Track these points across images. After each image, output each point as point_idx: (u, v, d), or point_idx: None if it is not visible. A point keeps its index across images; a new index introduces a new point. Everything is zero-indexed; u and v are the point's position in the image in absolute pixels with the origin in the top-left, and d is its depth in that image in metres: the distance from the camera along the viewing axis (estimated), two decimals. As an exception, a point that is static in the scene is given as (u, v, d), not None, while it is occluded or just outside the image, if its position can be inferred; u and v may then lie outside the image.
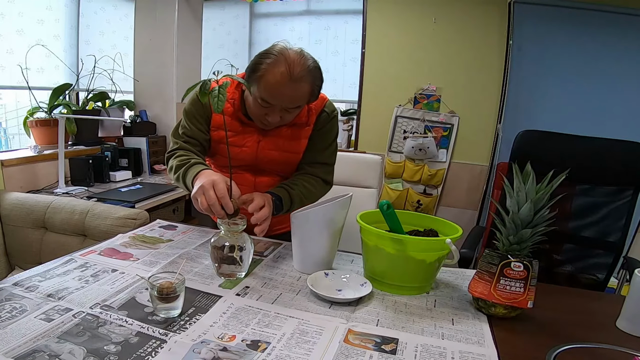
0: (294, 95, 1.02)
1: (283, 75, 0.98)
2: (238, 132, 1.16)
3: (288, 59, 0.99)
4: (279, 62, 0.99)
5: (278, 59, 0.99)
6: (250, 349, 0.67)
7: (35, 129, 2.26)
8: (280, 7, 3.41)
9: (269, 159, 1.18)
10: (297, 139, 1.19)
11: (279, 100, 1.02)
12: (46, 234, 1.72)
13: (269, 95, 1.02)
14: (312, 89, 1.05)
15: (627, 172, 1.43)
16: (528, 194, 0.80)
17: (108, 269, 0.93)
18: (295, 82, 0.99)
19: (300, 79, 1.00)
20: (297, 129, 1.18)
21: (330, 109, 1.22)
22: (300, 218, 0.97)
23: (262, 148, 1.17)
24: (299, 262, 1.00)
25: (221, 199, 0.90)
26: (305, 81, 1.01)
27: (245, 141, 1.17)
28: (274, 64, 0.99)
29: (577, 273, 1.52)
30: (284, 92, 1.00)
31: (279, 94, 1.01)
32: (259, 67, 1.01)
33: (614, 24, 2.54)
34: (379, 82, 3.09)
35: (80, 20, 2.64)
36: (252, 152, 1.17)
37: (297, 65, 0.99)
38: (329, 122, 1.21)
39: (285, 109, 1.05)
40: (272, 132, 1.16)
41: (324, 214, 0.95)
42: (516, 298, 0.78)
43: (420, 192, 3.08)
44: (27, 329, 0.67)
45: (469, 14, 2.85)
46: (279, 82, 0.99)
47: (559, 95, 2.68)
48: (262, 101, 1.03)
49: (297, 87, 1.00)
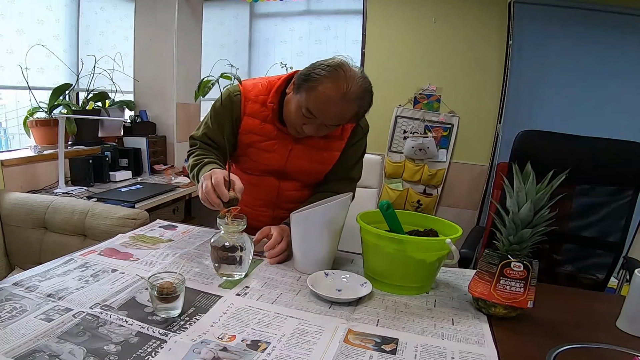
0: (340, 114, 0.99)
1: (338, 91, 0.94)
2: (271, 138, 1.14)
3: (347, 75, 0.95)
4: (338, 78, 0.95)
5: (337, 74, 0.95)
6: (250, 349, 0.67)
7: (35, 129, 2.26)
8: (280, 7, 3.41)
9: (297, 168, 1.17)
10: (329, 151, 1.17)
11: (324, 115, 0.99)
12: (46, 234, 1.72)
13: (316, 108, 0.98)
14: (358, 112, 1.01)
15: (627, 172, 1.43)
16: (528, 194, 0.79)
17: (108, 269, 0.93)
18: (347, 102, 0.96)
19: (352, 100, 0.96)
20: (330, 141, 1.16)
21: (364, 124, 1.20)
22: (300, 218, 0.97)
23: (292, 156, 1.15)
24: (299, 262, 1.00)
25: (215, 186, 0.91)
26: (355, 103, 0.98)
27: (277, 147, 1.14)
28: (331, 78, 0.95)
29: (577, 273, 1.52)
30: (332, 109, 0.97)
31: (326, 110, 0.98)
32: (313, 76, 0.97)
33: (614, 24, 2.54)
34: (379, 82, 3.05)
35: (80, 20, 2.64)
36: (282, 159, 1.16)
37: (355, 86, 0.95)
38: (362, 138, 1.21)
39: (325, 124, 1.02)
40: (304, 142, 1.14)
41: (324, 214, 0.95)
42: (516, 298, 0.78)
43: (420, 192, 3.08)
44: (27, 329, 0.67)
45: (469, 14, 2.85)
46: (330, 98, 0.95)
47: (559, 95, 2.68)
48: (306, 111, 0.99)
49: (347, 106, 0.97)
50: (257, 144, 1.15)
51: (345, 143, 1.18)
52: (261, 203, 1.24)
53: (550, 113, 2.67)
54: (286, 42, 3.42)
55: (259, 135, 1.14)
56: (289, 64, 3.26)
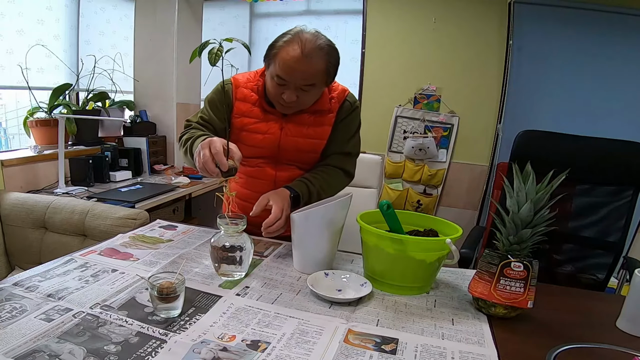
0: (306, 72, 1.04)
1: (295, 51, 1.02)
2: (261, 119, 1.19)
3: (302, 37, 1.03)
4: (293, 40, 1.03)
5: (293, 38, 1.04)
6: (250, 349, 0.67)
7: (35, 129, 2.26)
8: (280, 7, 3.41)
9: (293, 146, 1.19)
10: (320, 125, 1.19)
11: (292, 76, 1.05)
12: (46, 234, 1.72)
13: (283, 71, 1.04)
14: (327, 68, 1.07)
15: (627, 172, 1.43)
16: (528, 194, 0.79)
17: (108, 269, 0.93)
18: (307, 58, 1.02)
19: (312, 55, 1.02)
20: (319, 115, 1.19)
21: (352, 100, 1.23)
22: (300, 218, 0.97)
23: (285, 134, 1.18)
24: (299, 262, 1.00)
25: (215, 155, 0.91)
26: (318, 58, 1.04)
27: (269, 128, 1.18)
28: (288, 42, 1.04)
29: (577, 273, 1.52)
30: (297, 68, 1.03)
31: (292, 70, 1.04)
32: (275, 45, 1.06)
33: (614, 24, 2.54)
34: (379, 82, 3.09)
35: (80, 20, 2.64)
36: (275, 138, 1.18)
37: (310, 43, 1.03)
38: (352, 112, 1.23)
39: (300, 87, 1.07)
40: (294, 119, 1.18)
41: (324, 214, 0.95)
42: (516, 298, 0.78)
43: (420, 192, 3.08)
44: (27, 329, 0.67)
45: (469, 14, 2.85)
46: (292, 58, 1.02)
47: (559, 95, 2.68)
48: (278, 78, 1.06)
49: (310, 63, 1.03)
50: (249, 126, 1.19)
51: (334, 117, 1.20)
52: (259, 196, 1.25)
53: (550, 113, 2.68)
54: (286, 42, 3.42)
55: (250, 117, 1.19)
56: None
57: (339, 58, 1.10)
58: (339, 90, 1.22)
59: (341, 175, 1.23)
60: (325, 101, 1.18)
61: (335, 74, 1.13)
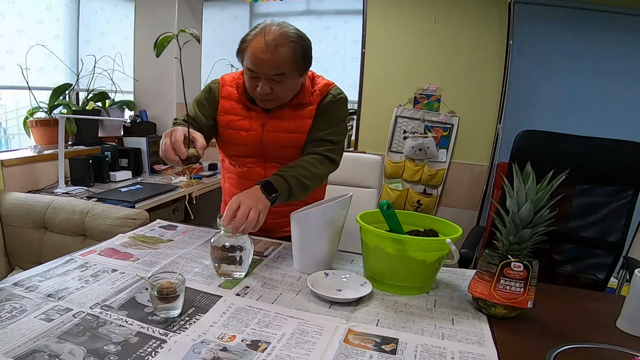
0: (272, 61, 1.04)
1: (260, 42, 1.04)
2: (243, 116, 1.20)
3: (267, 28, 1.06)
4: (260, 32, 1.06)
5: (259, 31, 1.06)
6: (250, 349, 0.67)
7: (35, 129, 2.26)
8: (280, 7, 3.41)
9: (275, 142, 1.19)
10: (300, 119, 1.19)
11: (260, 66, 1.06)
12: (46, 234, 1.72)
13: (252, 63, 1.06)
14: (294, 56, 1.07)
15: (627, 172, 1.43)
16: (528, 194, 0.79)
17: (108, 269, 0.93)
18: (271, 47, 1.03)
19: (277, 44, 1.04)
20: (300, 109, 1.19)
21: (336, 92, 1.23)
22: (300, 218, 0.97)
23: (267, 131, 1.18)
24: (299, 262, 1.00)
25: (174, 144, 0.94)
26: (284, 47, 1.04)
27: (251, 124, 1.19)
28: (255, 35, 1.06)
29: (577, 273, 1.52)
30: (263, 58, 1.04)
31: (259, 61, 1.05)
32: (245, 39, 1.09)
33: (613, 24, 2.54)
34: (379, 82, 3.09)
35: (80, 20, 2.64)
36: (257, 135, 1.19)
37: (274, 32, 1.04)
38: (334, 104, 1.21)
39: (271, 78, 1.07)
40: (276, 115, 1.18)
41: (324, 214, 0.95)
42: (516, 298, 0.78)
43: (420, 192, 3.08)
44: (27, 329, 0.67)
45: (469, 14, 2.85)
46: (258, 49, 1.04)
47: (559, 96, 2.68)
48: (249, 72, 1.08)
49: (275, 52, 1.04)
50: (233, 123, 1.21)
51: (315, 109, 1.20)
52: None
53: (550, 113, 2.67)
54: (286, 42, 3.42)
55: (233, 115, 1.21)
56: (289, 63, 3.27)
57: (308, 46, 1.11)
58: (322, 85, 1.22)
59: (324, 161, 1.16)
60: (306, 94, 1.19)
61: (308, 63, 1.13)
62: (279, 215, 1.25)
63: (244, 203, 0.93)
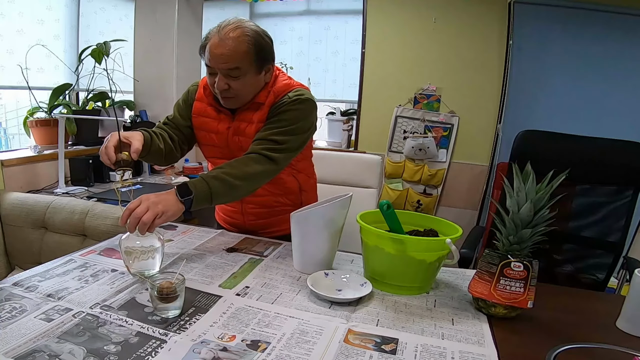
0: (225, 54, 1.05)
1: (215, 37, 1.06)
2: (213, 118, 1.20)
3: (223, 25, 1.07)
4: (217, 29, 1.08)
5: (217, 28, 1.08)
6: (250, 349, 0.67)
7: (35, 129, 2.26)
8: (280, 7, 3.41)
9: (237, 145, 1.19)
10: (259, 122, 1.16)
11: (215, 61, 1.07)
12: (46, 234, 1.72)
13: (208, 59, 1.08)
14: (248, 50, 1.06)
15: (627, 172, 1.43)
16: (528, 194, 0.79)
17: (108, 268, 0.93)
18: (224, 42, 1.04)
19: (230, 38, 1.05)
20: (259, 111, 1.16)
21: (294, 94, 1.14)
22: (300, 218, 0.97)
23: (232, 134, 1.19)
24: (299, 262, 1.00)
25: (105, 149, 0.99)
26: (237, 41, 1.05)
27: (219, 127, 1.20)
28: (213, 32, 1.08)
29: (577, 273, 1.52)
30: (217, 52, 1.05)
31: (214, 56, 1.06)
32: (205, 36, 1.10)
33: (614, 24, 2.54)
34: (379, 82, 3.09)
35: (80, 20, 2.64)
36: (223, 138, 1.20)
37: (228, 28, 1.06)
38: (288, 104, 1.13)
39: (227, 73, 1.07)
40: (240, 117, 1.18)
41: (324, 214, 0.95)
42: (516, 298, 0.78)
43: (420, 192, 3.08)
44: (27, 329, 0.67)
45: (469, 14, 2.85)
46: (213, 44, 1.06)
47: (559, 95, 2.68)
48: (208, 68, 1.10)
49: (227, 46, 1.05)
50: (204, 125, 1.22)
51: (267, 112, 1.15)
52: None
53: (550, 113, 2.67)
54: (286, 42, 3.42)
55: (204, 117, 1.22)
56: (288, 64, 3.26)
57: (264, 42, 1.09)
58: (281, 85, 1.16)
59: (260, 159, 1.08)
60: (263, 94, 1.16)
61: (265, 59, 1.10)
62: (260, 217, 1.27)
63: (144, 203, 0.92)
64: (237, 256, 1.07)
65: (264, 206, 1.27)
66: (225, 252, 1.09)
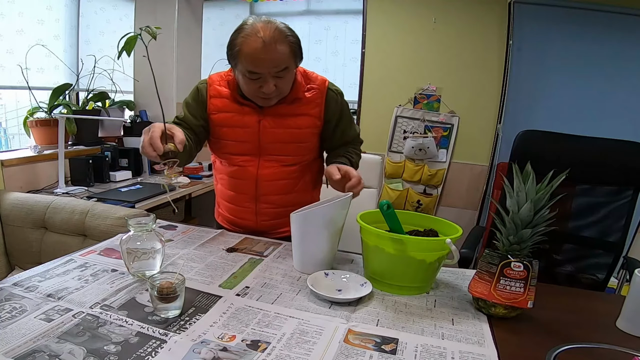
0: (274, 58, 1.04)
1: (257, 42, 1.02)
2: (237, 113, 1.19)
3: (257, 27, 1.04)
4: (251, 33, 1.04)
5: (249, 31, 1.04)
6: (251, 349, 0.67)
7: (35, 129, 2.26)
8: (280, 7, 3.41)
9: (273, 138, 1.19)
10: (298, 115, 1.19)
11: (263, 67, 1.05)
12: (46, 234, 1.72)
13: (253, 65, 1.05)
14: (292, 49, 1.07)
15: (627, 172, 1.43)
16: (528, 194, 0.79)
17: (108, 268, 0.93)
18: (270, 45, 1.03)
19: (274, 40, 1.03)
20: (296, 104, 1.19)
21: (334, 88, 1.24)
22: (300, 218, 0.97)
23: (264, 127, 1.18)
24: (299, 262, 1.00)
25: (151, 140, 0.93)
26: (280, 42, 1.04)
27: (246, 121, 1.18)
28: (246, 36, 1.04)
29: (577, 273, 1.52)
30: (265, 57, 1.03)
31: (261, 61, 1.04)
32: (234, 43, 1.06)
33: (613, 24, 2.54)
34: (379, 82, 3.09)
35: (80, 20, 2.64)
36: (254, 132, 1.18)
37: (267, 30, 1.03)
38: (342, 99, 1.25)
39: (274, 75, 1.07)
40: (271, 111, 1.17)
41: (324, 214, 0.95)
42: (516, 298, 0.78)
43: (420, 192, 3.08)
44: (27, 329, 0.67)
45: (469, 14, 2.85)
46: (257, 50, 1.03)
47: (559, 95, 2.68)
48: (250, 74, 1.06)
49: (275, 49, 1.03)
50: (228, 120, 1.20)
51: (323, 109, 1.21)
52: (244, 197, 1.26)
53: (550, 113, 2.67)
54: (286, 42, 3.42)
55: (227, 112, 1.20)
56: (289, 64, 3.26)
57: (298, 37, 1.11)
58: (319, 81, 1.21)
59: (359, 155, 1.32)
60: (300, 89, 1.18)
61: (302, 53, 1.13)
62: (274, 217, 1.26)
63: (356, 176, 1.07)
64: (237, 256, 1.07)
65: (280, 205, 1.25)
66: (225, 252, 1.09)
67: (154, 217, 0.92)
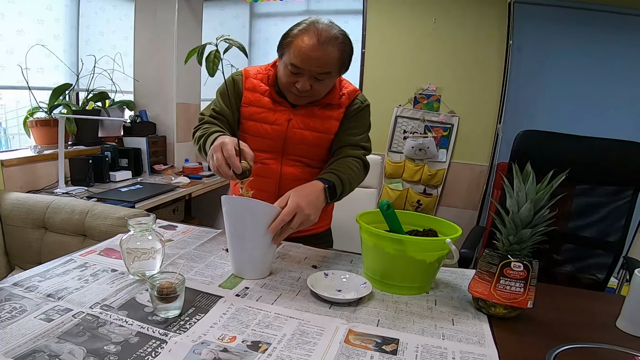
0: (321, 59, 1.04)
1: (312, 39, 1.02)
2: (270, 109, 1.18)
3: (317, 26, 1.04)
4: (309, 29, 1.04)
5: (308, 27, 1.04)
6: (251, 349, 0.67)
7: (35, 129, 2.26)
8: (280, 7, 3.41)
9: (299, 138, 1.18)
10: (328, 119, 1.19)
11: (307, 64, 1.04)
12: (46, 234, 1.72)
13: (299, 59, 1.04)
14: (342, 56, 1.07)
15: (627, 172, 1.43)
16: (528, 194, 0.79)
17: (108, 268, 0.93)
18: (323, 46, 1.02)
19: (328, 42, 1.03)
20: (328, 109, 1.19)
21: (362, 99, 1.24)
22: (226, 200, 0.89)
23: (292, 126, 1.17)
24: (232, 262, 0.95)
25: (228, 159, 0.90)
26: (334, 46, 1.04)
27: (276, 118, 1.18)
28: (303, 30, 1.04)
29: (577, 273, 1.52)
30: (313, 55, 1.03)
31: (308, 58, 1.03)
32: (289, 33, 1.06)
33: (613, 23, 2.54)
34: (379, 82, 3.09)
35: (80, 20, 2.64)
36: (282, 129, 1.18)
37: (325, 31, 1.03)
38: (363, 110, 1.22)
39: (314, 76, 1.06)
40: (303, 111, 1.17)
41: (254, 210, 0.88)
42: (516, 298, 0.78)
43: (420, 192, 3.08)
44: (27, 329, 0.67)
45: (469, 14, 2.85)
46: (308, 46, 1.02)
47: (559, 95, 2.68)
48: (292, 67, 1.06)
49: (326, 51, 1.03)
50: (257, 115, 1.19)
51: (343, 112, 1.20)
52: (265, 195, 1.24)
53: (550, 113, 2.68)
54: (286, 42, 3.42)
55: (258, 107, 1.19)
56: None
57: (352, 48, 1.11)
58: (351, 89, 1.22)
59: (361, 167, 1.19)
60: (335, 95, 1.18)
61: (349, 64, 1.13)
62: None
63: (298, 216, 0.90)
64: (237, 256, 1.06)
65: None
66: (225, 252, 1.09)
67: (153, 217, 0.92)
